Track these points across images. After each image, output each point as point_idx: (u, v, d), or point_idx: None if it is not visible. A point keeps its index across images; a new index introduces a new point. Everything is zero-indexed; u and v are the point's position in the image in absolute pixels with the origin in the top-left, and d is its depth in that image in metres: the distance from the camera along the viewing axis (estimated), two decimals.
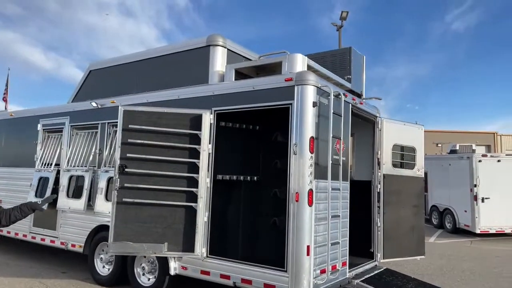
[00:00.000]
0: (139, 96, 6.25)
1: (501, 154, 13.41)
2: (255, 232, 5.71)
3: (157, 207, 5.18)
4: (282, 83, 4.83)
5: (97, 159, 6.73)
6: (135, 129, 5.23)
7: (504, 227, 12.53)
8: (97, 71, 7.26)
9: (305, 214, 4.57)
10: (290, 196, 4.65)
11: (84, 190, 6.64)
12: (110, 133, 6.63)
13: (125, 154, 5.20)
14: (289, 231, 4.60)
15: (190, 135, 5.27)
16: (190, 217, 5.20)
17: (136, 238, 5.13)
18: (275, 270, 4.67)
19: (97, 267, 6.41)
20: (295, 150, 4.66)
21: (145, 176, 5.20)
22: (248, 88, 5.13)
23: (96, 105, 6.77)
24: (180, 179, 5.22)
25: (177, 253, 5.17)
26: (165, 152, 5.24)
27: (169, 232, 5.17)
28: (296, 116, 4.69)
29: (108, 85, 7.00)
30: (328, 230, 4.82)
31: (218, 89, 5.42)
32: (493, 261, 9.16)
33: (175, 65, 6.11)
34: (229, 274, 4.99)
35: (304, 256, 4.52)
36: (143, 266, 5.81)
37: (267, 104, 4.96)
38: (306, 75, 4.73)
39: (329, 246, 4.79)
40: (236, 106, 5.22)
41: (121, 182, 5.18)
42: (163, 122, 5.28)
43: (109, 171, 6.40)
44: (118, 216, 5.16)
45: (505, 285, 7.01)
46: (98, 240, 6.44)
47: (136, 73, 6.62)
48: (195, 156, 5.24)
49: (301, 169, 4.62)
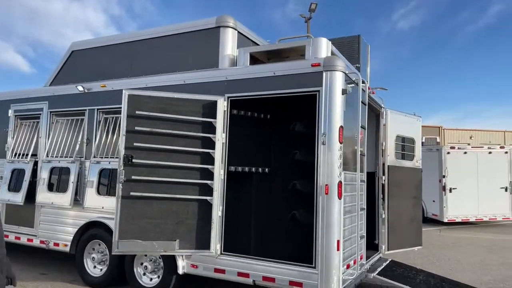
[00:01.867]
0: (136, 80, 5.70)
1: (467, 146, 14.01)
2: (272, 227, 5.42)
3: (167, 201, 4.75)
4: (308, 68, 4.55)
5: (84, 149, 6.10)
6: (143, 115, 4.75)
7: (469, 216, 13.12)
8: (81, 51, 6.57)
9: (335, 207, 4.35)
10: (318, 188, 4.41)
11: (70, 184, 6.00)
12: (100, 120, 6.03)
13: (131, 143, 4.72)
14: (318, 225, 4.37)
15: (203, 123, 4.87)
16: (205, 212, 4.82)
17: (145, 236, 4.68)
18: (302, 266, 4.42)
19: (88, 267, 5.82)
20: (323, 140, 4.41)
21: (154, 167, 4.74)
22: (267, 73, 4.79)
23: (83, 89, 6.12)
24: (193, 170, 4.82)
25: (191, 251, 4.78)
26: (175, 142, 4.81)
27: (181, 229, 4.76)
28: (325, 104, 4.44)
29: (95, 68, 6.36)
30: (357, 223, 4.65)
31: (232, 74, 5.03)
32: (470, 249, 9.50)
33: (179, 47, 5.63)
34: (248, 272, 4.68)
35: (334, 251, 4.31)
36: (145, 265, 5.33)
37: (290, 91, 4.66)
38: (335, 61, 4.48)
39: (358, 240, 4.63)
40: (253, 93, 4.87)
41: (127, 174, 4.69)
42: (172, 108, 4.84)
43: (101, 162, 5.83)
44: (123, 212, 4.68)
45: (495, 273, 7.24)
46: (88, 238, 5.85)
47: (131, 54, 6.04)
48: (209, 146, 4.85)
49: (330, 160, 4.39)
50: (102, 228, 5.69)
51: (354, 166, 4.80)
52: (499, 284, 6.48)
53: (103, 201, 5.68)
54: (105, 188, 5.74)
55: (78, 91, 6.15)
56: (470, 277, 6.85)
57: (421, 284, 5.21)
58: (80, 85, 6.13)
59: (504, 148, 13.51)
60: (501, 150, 13.45)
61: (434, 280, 5.55)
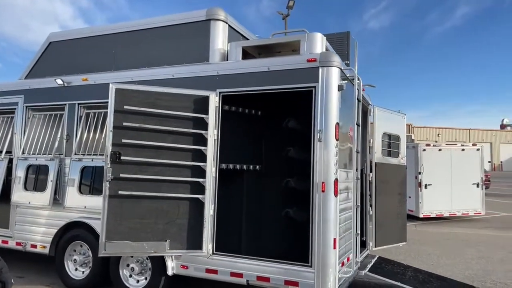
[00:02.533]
0: (121, 74, 5.47)
1: (442, 144, 14.33)
2: (265, 225, 5.32)
3: (157, 200, 4.57)
4: (303, 64, 4.46)
5: (64, 146, 5.81)
6: (131, 110, 4.54)
7: (443, 211, 13.45)
8: (59, 43, 6.24)
9: (331, 205, 4.30)
10: (314, 186, 4.33)
11: (49, 182, 5.70)
12: (81, 115, 5.76)
13: (119, 140, 4.50)
14: (314, 223, 4.30)
15: (194, 119, 4.71)
16: (196, 211, 4.67)
17: (134, 236, 4.48)
18: (297, 265, 4.34)
19: (69, 270, 5.55)
20: (320, 137, 4.34)
21: (143, 165, 4.55)
22: (261, 68, 4.68)
23: (62, 82, 5.82)
24: (184, 168, 4.65)
25: (182, 251, 4.61)
26: (165, 138, 4.63)
27: (172, 228, 4.59)
28: (321, 100, 4.36)
29: (75, 60, 6.05)
30: (354, 220, 4.61)
31: (224, 68, 4.89)
32: (448, 244, 9.72)
33: (167, 40, 5.42)
34: (242, 272, 4.56)
35: (330, 249, 4.25)
36: (131, 266, 5.12)
37: (285, 87, 4.56)
38: (331, 56, 4.41)
39: (354, 237, 4.59)
40: (246, 88, 4.75)
41: (114, 172, 4.48)
42: (162, 103, 4.65)
43: (83, 160, 5.56)
44: (111, 212, 4.46)
45: (476, 267, 7.41)
46: (69, 239, 5.57)
47: (114, 47, 5.78)
48: (201, 142, 4.69)
49: (326, 158, 4.32)
50: (84, 228, 5.43)
51: (349, 164, 4.77)
52: (480, 278, 6.63)
53: (86, 200, 5.43)
54: (87, 187, 5.48)
55: (57, 84, 5.85)
56: (452, 271, 6.98)
57: (411, 280, 5.24)
58: (59, 78, 5.83)
59: (476, 146, 13.91)
60: (473, 148, 13.84)
61: (422, 276, 5.61)
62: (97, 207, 5.26)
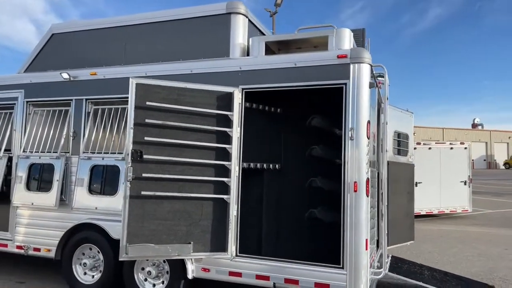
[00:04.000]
0: (133, 69, 5.21)
1: (432, 142, 14.55)
2: (288, 226, 5.18)
3: (180, 200, 4.37)
4: (333, 60, 4.34)
5: (70, 144, 5.50)
6: (153, 107, 4.32)
7: (432, 208, 13.67)
8: (63, 35, 5.91)
9: (363, 205, 4.20)
10: (346, 186, 4.22)
11: (54, 182, 5.39)
12: (89, 111, 5.47)
13: (140, 138, 4.28)
14: (346, 224, 4.19)
15: (218, 116, 4.53)
16: (220, 211, 4.49)
17: (157, 239, 4.27)
18: (328, 267, 4.23)
19: (77, 274, 5.26)
20: (351, 135, 4.23)
21: (166, 164, 4.34)
22: (288, 64, 4.53)
23: (68, 76, 5.51)
24: (207, 167, 4.47)
25: (206, 254, 4.43)
26: (188, 136, 4.43)
27: (195, 230, 4.40)
28: (352, 97, 4.25)
29: (81, 53, 5.74)
30: (384, 221, 4.53)
31: (248, 64, 4.72)
32: (444, 241, 9.84)
33: (183, 33, 5.19)
34: (268, 274, 4.42)
35: (363, 250, 4.16)
36: (147, 270, 4.89)
37: (313, 84, 4.43)
38: (362, 52, 4.31)
39: (384, 237, 4.51)
40: (271, 85, 4.59)
41: (135, 172, 4.25)
42: (185, 100, 4.45)
43: (92, 158, 5.27)
44: (132, 213, 4.23)
45: (478, 264, 7.51)
46: (77, 242, 5.28)
47: (124, 40, 5.51)
48: (226, 140, 4.52)
49: (358, 156, 4.22)
50: (94, 230, 5.16)
51: (375, 162, 4.68)
52: (488, 276, 6.70)
53: (97, 201, 5.15)
54: (98, 186, 5.20)
55: (62, 78, 5.53)
56: (458, 269, 7.03)
57: (431, 280, 5.22)
58: (65, 72, 5.52)
59: (464, 144, 14.19)
60: (461, 146, 14.11)
61: (438, 275, 5.60)
62: (109, 208, 5.03)
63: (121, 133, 5.29)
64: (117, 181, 5.04)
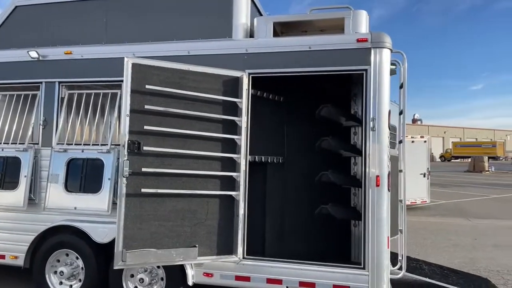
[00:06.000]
0: (120, 48, 4.56)
1: (415, 136, 14.81)
2: (296, 224, 4.78)
3: (184, 198, 3.86)
4: (353, 44, 4.00)
5: (40, 134, 4.75)
6: (153, 91, 3.75)
7: (416, 199, 13.99)
8: (30, 7, 5.06)
9: (385, 200, 3.95)
10: (367, 180, 3.93)
11: (22, 178, 4.62)
12: (63, 97, 4.74)
13: (140, 126, 3.71)
14: (368, 222, 3.90)
15: (225, 103, 4.04)
16: (228, 210, 4.03)
17: (158, 243, 3.74)
18: (348, 268, 3.92)
19: (51, 284, 4.55)
20: (373, 126, 3.93)
21: (167, 157, 3.80)
22: (301, 47, 4.13)
23: (37, 55, 4.74)
24: (214, 160, 3.98)
25: (212, 257, 3.95)
26: (192, 125, 3.92)
27: (201, 231, 3.91)
28: (374, 85, 3.95)
29: (52, 29, 4.97)
30: (403, 215, 4.29)
31: (255, 45, 4.26)
32: (415, 233, 9.95)
33: (177, 11, 4.61)
34: (281, 278, 4.03)
35: (385, 249, 3.90)
36: (140, 278, 4.30)
37: (329, 69, 4.07)
38: (384, 37, 4.01)
39: (405, 233, 4.26)
40: (281, 70, 4.18)
41: (133, 166, 3.68)
42: (189, 84, 3.92)
43: (69, 151, 4.57)
44: (129, 214, 3.67)
45: (457, 255, 7.60)
46: (51, 248, 4.57)
47: (106, 14, 4.81)
48: (234, 131, 4.05)
49: (380, 148, 3.95)
50: (72, 233, 4.49)
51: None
52: (472, 267, 6.76)
53: (76, 200, 4.46)
54: (77, 183, 4.51)
55: (30, 58, 4.75)
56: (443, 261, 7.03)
57: (433, 275, 5.08)
58: (33, 50, 4.74)
59: (423, 138, 14.57)
60: (421, 140, 14.48)
61: (436, 269, 5.50)
62: (91, 207, 4.39)
63: (104, 122, 4.64)
64: (101, 177, 4.39)
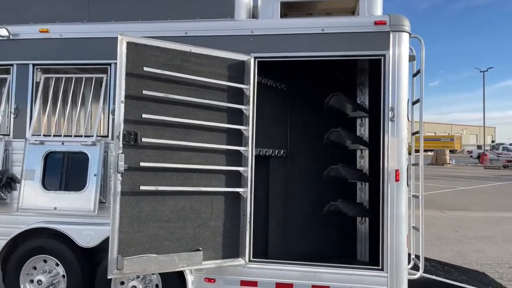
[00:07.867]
0: (105, 27, 4.03)
1: None
2: (303, 222, 4.42)
3: (186, 196, 3.43)
4: (370, 26, 3.68)
5: (11, 125, 4.15)
6: (152, 75, 3.29)
7: None
8: None
9: (404, 197, 3.66)
10: (385, 174, 3.63)
11: None
12: (38, 81, 4.16)
13: (136, 115, 3.24)
14: (387, 220, 3.61)
15: (231, 90, 3.63)
16: (234, 208, 3.64)
17: (158, 247, 3.30)
18: (365, 269, 3.63)
19: None
20: (392, 116, 3.63)
21: (168, 149, 3.35)
22: (313, 29, 3.76)
23: (8, 33, 4.13)
24: (219, 154, 3.56)
25: (217, 261, 3.55)
26: (195, 114, 3.48)
27: (205, 233, 3.50)
28: (392, 72, 3.64)
29: (24, 4, 4.35)
30: (421, 213, 4.03)
31: (262, 27, 3.85)
32: None
33: None
34: (291, 282, 3.68)
35: (404, 249, 3.63)
36: (132, 285, 3.82)
37: (344, 54, 3.74)
38: (403, 20, 3.70)
39: (422, 231, 4.01)
40: (291, 54, 3.80)
41: (129, 160, 3.21)
42: (191, 67, 3.48)
43: (47, 143, 4.01)
44: (125, 215, 3.20)
45: (445, 249, 7.55)
46: (26, 253, 4.00)
47: None
48: (241, 121, 3.65)
49: (399, 141, 3.65)
50: (50, 237, 3.96)
51: None
52: (463, 260, 6.70)
53: (56, 199, 3.91)
54: (57, 180, 3.95)
55: None
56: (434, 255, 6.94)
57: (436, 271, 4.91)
58: (3, 27, 4.12)
59: None
60: None
61: (438, 265, 5.34)
62: (75, 207, 3.87)
63: (88, 111, 4.11)
64: (86, 173, 3.87)
